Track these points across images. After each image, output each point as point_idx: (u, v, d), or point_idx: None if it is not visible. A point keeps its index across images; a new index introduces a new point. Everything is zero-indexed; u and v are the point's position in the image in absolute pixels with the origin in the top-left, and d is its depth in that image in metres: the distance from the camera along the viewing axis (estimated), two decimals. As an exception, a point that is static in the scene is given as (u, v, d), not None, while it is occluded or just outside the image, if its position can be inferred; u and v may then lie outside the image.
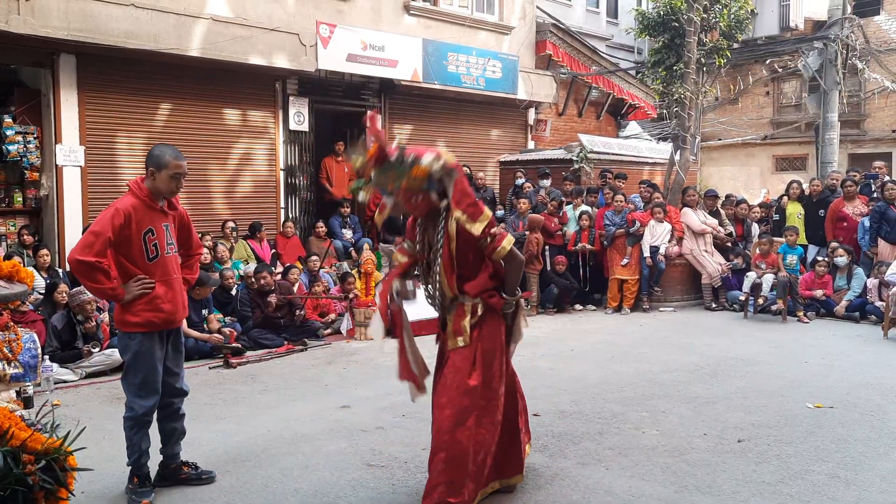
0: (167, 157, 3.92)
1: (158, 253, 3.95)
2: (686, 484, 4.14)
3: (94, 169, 9.18)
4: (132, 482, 4.05)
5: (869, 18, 19.80)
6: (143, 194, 3.92)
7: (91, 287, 3.87)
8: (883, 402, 5.75)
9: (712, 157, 23.73)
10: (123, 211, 3.81)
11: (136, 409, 3.98)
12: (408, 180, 3.59)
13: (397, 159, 3.59)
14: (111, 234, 3.76)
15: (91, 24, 8.50)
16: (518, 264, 3.83)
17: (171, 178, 3.93)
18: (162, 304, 3.95)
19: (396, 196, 3.66)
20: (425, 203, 3.71)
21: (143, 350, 3.93)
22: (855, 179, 10.91)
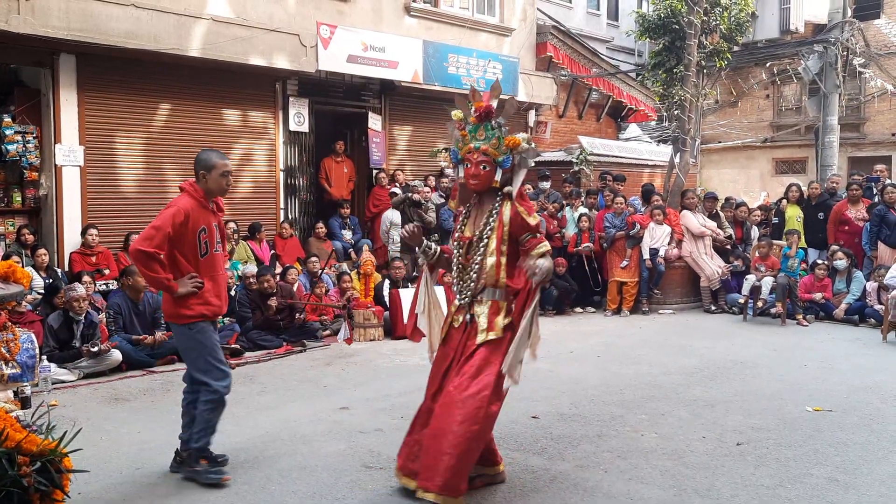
0: (214, 158, 4.26)
1: (208, 250, 4.25)
2: (685, 487, 4.13)
3: (93, 169, 9.16)
4: (198, 463, 4.23)
5: (869, 22, 19.81)
6: (198, 195, 4.24)
7: (148, 276, 4.11)
8: (882, 405, 5.74)
9: (712, 160, 23.73)
10: (184, 210, 4.11)
11: (220, 390, 4.24)
12: (494, 145, 3.84)
13: (497, 122, 3.88)
14: (171, 229, 4.05)
15: (91, 24, 8.49)
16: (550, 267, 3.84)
17: (221, 177, 4.24)
18: (211, 297, 4.24)
19: (471, 156, 3.87)
20: (488, 177, 3.88)
21: (205, 336, 4.22)
22: (860, 183, 10.89)
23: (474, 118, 3.93)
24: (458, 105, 4.02)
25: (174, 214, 4.09)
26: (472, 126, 3.93)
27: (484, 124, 3.90)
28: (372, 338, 8.57)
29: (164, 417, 5.55)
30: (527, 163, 3.93)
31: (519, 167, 3.92)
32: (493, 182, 3.90)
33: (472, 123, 3.94)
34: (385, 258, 10.42)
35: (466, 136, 3.95)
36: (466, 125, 3.96)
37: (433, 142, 12.92)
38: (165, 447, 4.82)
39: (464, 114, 3.98)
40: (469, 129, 3.94)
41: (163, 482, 4.26)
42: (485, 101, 3.92)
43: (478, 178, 3.89)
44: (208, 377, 4.23)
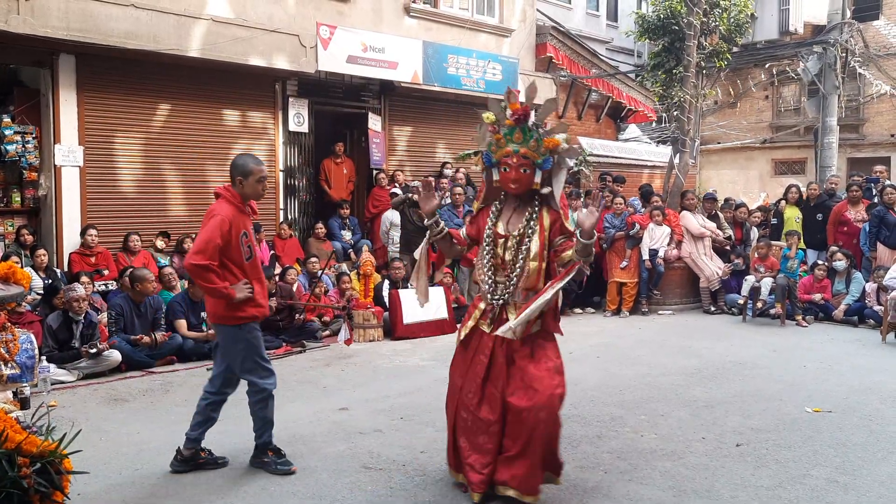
0: (250, 164, 4.34)
1: (252, 253, 4.38)
2: (684, 488, 4.13)
3: (92, 169, 9.15)
4: (266, 455, 4.42)
5: (868, 23, 19.83)
6: (236, 200, 4.33)
7: (206, 287, 4.23)
8: (881, 406, 5.74)
9: (711, 161, 23.75)
10: (227, 218, 4.22)
11: (266, 387, 4.40)
12: (532, 147, 3.79)
13: (534, 124, 3.84)
14: (220, 240, 4.16)
15: (91, 24, 8.48)
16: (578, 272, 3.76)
17: (258, 182, 4.34)
18: (259, 299, 4.38)
19: (508, 160, 3.80)
20: (529, 179, 3.83)
21: (253, 337, 4.36)
22: (860, 184, 10.90)
23: (511, 120, 3.85)
24: (491, 108, 3.95)
25: (220, 224, 4.18)
26: (508, 128, 3.85)
27: (521, 126, 3.83)
28: (371, 338, 8.57)
29: (163, 418, 5.56)
30: (567, 163, 3.91)
31: (559, 168, 3.88)
32: (534, 184, 3.85)
33: (507, 126, 3.86)
34: (385, 259, 10.42)
35: (501, 139, 3.87)
36: (500, 128, 3.89)
37: (433, 142, 12.92)
38: (165, 448, 4.82)
39: (497, 116, 3.91)
40: (504, 132, 3.86)
41: (163, 483, 4.26)
42: (518, 103, 3.86)
43: (519, 181, 3.82)
44: (254, 376, 4.39)
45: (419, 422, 5.37)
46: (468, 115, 13.31)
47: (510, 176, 3.83)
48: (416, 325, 8.79)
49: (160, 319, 7.52)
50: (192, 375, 6.92)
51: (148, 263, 8.80)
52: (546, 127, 3.89)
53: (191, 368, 7.17)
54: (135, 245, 8.84)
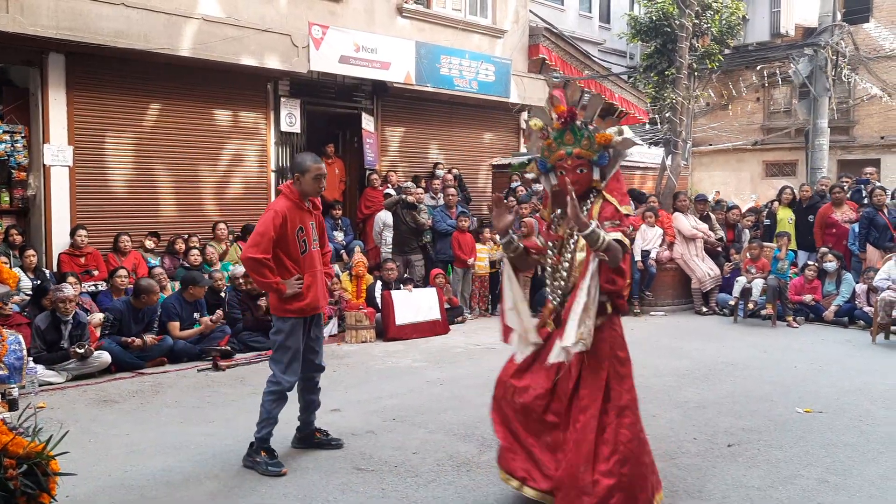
0: (308, 162, 4.50)
1: (307, 248, 4.54)
2: (676, 488, 4.13)
3: (82, 169, 9.10)
4: (259, 454, 4.45)
5: (858, 25, 19.93)
6: (294, 196, 4.50)
7: (259, 281, 4.50)
8: (871, 407, 5.76)
9: (703, 163, 23.82)
10: (281, 212, 4.39)
11: (283, 384, 4.49)
12: (585, 146, 3.73)
13: (583, 122, 3.76)
14: (273, 233, 4.35)
15: (81, 23, 8.43)
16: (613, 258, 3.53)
17: (314, 179, 4.48)
18: (310, 293, 4.52)
19: (563, 163, 3.76)
20: (588, 178, 3.77)
21: (294, 333, 4.50)
22: (843, 186, 10.96)
23: (558, 123, 3.80)
24: (536, 114, 3.91)
25: (273, 218, 4.36)
26: (557, 132, 3.80)
27: (570, 127, 3.78)
28: (364, 339, 8.55)
29: (153, 420, 5.53)
30: (624, 154, 3.84)
31: (615, 162, 3.82)
32: (594, 182, 3.79)
33: (556, 130, 3.80)
34: (377, 259, 10.39)
35: (552, 144, 3.81)
36: (550, 132, 3.83)
37: (426, 143, 12.90)
38: (155, 450, 4.80)
39: (544, 122, 3.85)
40: (554, 136, 3.81)
41: (152, 485, 4.23)
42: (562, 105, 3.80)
43: (578, 182, 3.74)
44: (276, 367, 4.51)
45: (411, 423, 5.36)
46: (461, 115, 13.32)
47: (571, 178, 3.75)
48: (409, 327, 8.77)
49: (154, 322, 7.48)
50: (182, 377, 6.88)
51: (138, 264, 8.76)
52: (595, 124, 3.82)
53: (181, 370, 7.13)
54: (125, 246, 8.79)
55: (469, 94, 12.50)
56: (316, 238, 4.65)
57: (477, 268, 10.34)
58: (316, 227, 4.67)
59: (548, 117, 3.85)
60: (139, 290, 7.33)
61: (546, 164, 3.88)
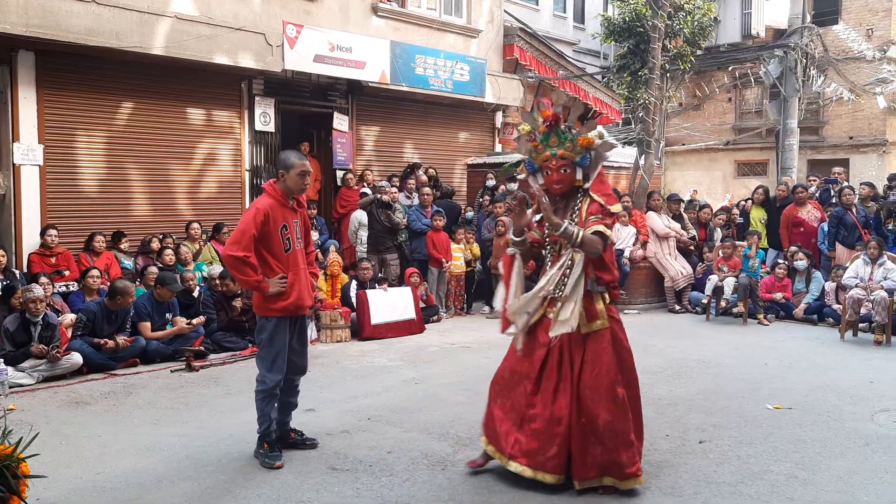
0: (292, 158, 4.52)
1: (291, 246, 4.53)
2: (649, 485, 4.18)
3: (53, 168, 8.98)
4: (262, 448, 4.53)
5: (827, 27, 20.23)
6: (277, 194, 4.50)
7: (240, 279, 4.46)
8: (839, 403, 5.87)
9: (676, 162, 24.07)
10: (263, 210, 4.39)
11: (267, 382, 4.51)
12: (569, 148, 4.09)
13: (567, 126, 4.13)
14: (255, 230, 4.35)
15: (51, 21, 8.32)
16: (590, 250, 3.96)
17: (299, 176, 4.48)
18: (294, 291, 4.51)
19: (549, 164, 4.13)
20: (570, 178, 4.14)
21: (278, 331, 4.53)
22: (805, 185, 11.17)
23: (544, 127, 4.15)
24: (525, 119, 4.28)
25: (254, 216, 4.37)
26: (543, 135, 4.16)
27: (554, 131, 4.13)
28: (339, 339, 8.53)
29: (125, 421, 5.48)
30: (604, 156, 4.19)
31: (596, 163, 4.18)
32: (576, 181, 4.15)
33: (542, 133, 4.16)
34: (352, 259, 10.37)
35: (538, 146, 4.18)
36: (536, 135, 4.19)
37: (401, 142, 12.90)
38: (127, 451, 4.76)
39: (532, 126, 4.22)
40: (540, 139, 4.17)
41: (124, 487, 4.19)
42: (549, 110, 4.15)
43: (562, 181, 4.14)
44: (262, 367, 4.55)
45: (386, 422, 5.36)
46: (436, 115, 13.33)
47: (553, 178, 4.15)
48: (384, 326, 8.77)
49: (127, 323, 7.41)
50: (154, 378, 6.83)
51: (111, 264, 8.66)
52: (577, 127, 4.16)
53: (154, 371, 7.07)
54: (99, 245, 8.68)
55: (444, 93, 12.52)
56: (300, 237, 4.64)
57: (452, 267, 10.35)
58: (300, 226, 4.65)
59: (535, 122, 4.20)
60: (115, 291, 7.24)
61: (534, 164, 4.25)
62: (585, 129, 4.14)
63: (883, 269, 8.59)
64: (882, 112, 20.40)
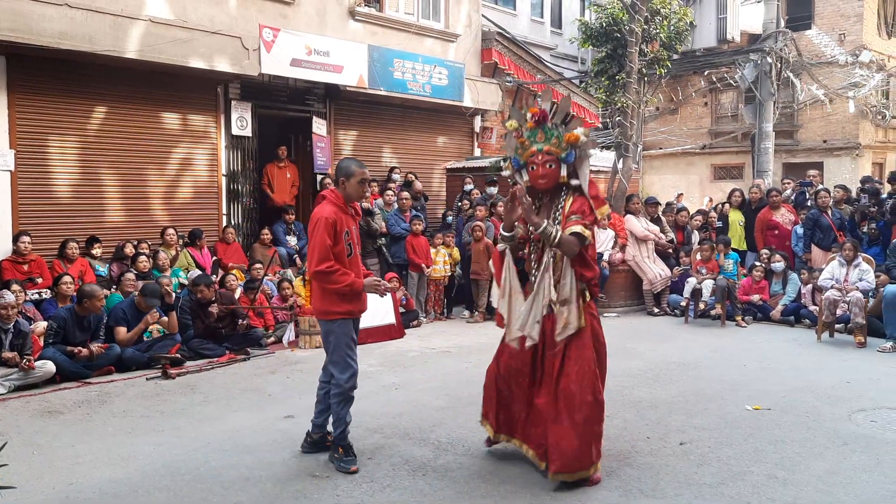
0: (353, 167, 4.59)
1: (352, 251, 4.61)
2: (630, 487, 4.17)
3: (25, 174, 8.82)
4: (337, 452, 4.54)
5: (801, 32, 20.51)
6: (339, 201, 4.58)
7: (334, 288, 4.48)
8: (818, 403, 5.91)
9: (653, 166, 24.24)
10: (331, 218, 4.46)
11: (343, 385, 4.55)
12: (555, 144, 4.17)
13: (554, 123, 4.21)
14: (330, 240, 4.43)
15: (22, 24, 8.18)
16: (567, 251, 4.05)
17: (360, 184, 4.59)
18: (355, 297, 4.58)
19: (535, 160, 4.20)
20: (555, 174, 4.21)
21: (344, 333, 4.58)
22: (779, 189, 11.30)
23: (531, 123, 4.24)
24: (512, 115, 4.37)
25: (325, 226, 4.43)
26: (530, 131, 4.25)
27: (541, 127, 4.22)
28: (318, 345, 8.43)
29: (100, 430, 5.38)
30: (588, 153, 4.26)
31: (582, 160, 4.23)
32: (561, 178, 4.21)
33: (529, 129, 4.26)
34: (331, 264, 10.28)
35: (525, 142, 4.27)
36: (523, 132, 4.28)
37: (379, 147, 12.86)
38: (101, 461, 4.67)
39: (519, 122, 4.30)
40: (527, 135, 4.26)
41: (98, 498, 4.11)
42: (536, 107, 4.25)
43: (546, 176, 4.21)
44: (335, 369, 4.58)
45: (366, 428, 5.32)
46: (414, 119, 13.30)
47: (538, 173, 4.23)
48: (364, 332, 8.50)
49: (100, 330, 7.29)
50: (130, 386, 6.72)
51: (85, 271, 8.53)
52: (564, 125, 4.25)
53: (129, 379, 6.96)
54: (72, 252, 8.54)
55: (422, 97, 12.50)
56: (358, 243, 4.74)
57: (433, 271, 10.32)
58: (357, 233, 4.75)
59: (522, 118, 4.29)
60: (82, 295, 7.12)
61: (519, 161, 4.33)
62: (574, 126, 4.23)
63: (858, 271, 8.68)
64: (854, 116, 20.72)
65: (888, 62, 21.52)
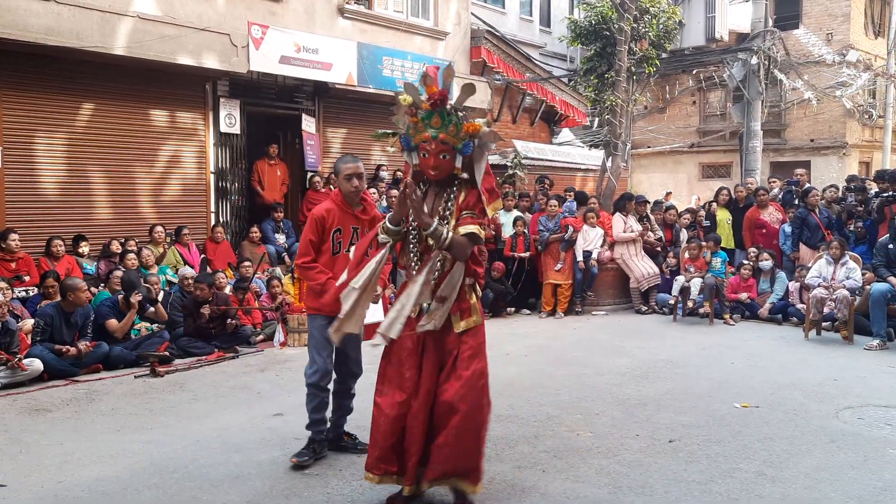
0: (340, 163, 4.59)
1: (340, 250, 4.55)
2: (619, 485, 4.19)
3: (11, 171, 8.77)
4: (341, 439, 4.74)
5: (789, 31, 20.62)
6: (337, 199, 4.60)
7: (310, 285, 4.57)
8: (805, 401, 5.94)
9: (642, 165, 24.33)
10: (319, 214, 4.51)
11: (307, 378, 4.60)
12: (451, 132, 3.64)
13: (453, 108, 3.68)
14: (312, 236, 4.50)
15: (8, 20, 8.12)
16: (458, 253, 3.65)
17: (346, 180, 4.51)
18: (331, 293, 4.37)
19: (427, 146, 3.66)
20: (449, 165, 3.70)
21: (314, 327, 4.59)
22: (767, 188, 11.36)
23: (427, 104, 3.66)
24: (407, 91, 3.73)
25: (310, 222, 4.52)
26: (426, 112, 3.66)
27: (438, 111, 3.64)
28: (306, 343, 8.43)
29: (88, 428, 5.35)
30: (489, 147, 3.74)
31: (480, 152, 3.73)
32: (455, 169, 3.70)
33: (424, 110, 3.66)
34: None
35: (419, 123, 3.68)
36: (418, 111, 3.69)
37: (368, 144, 12.83)
38: (90, 459, 4.65)
39: (414, 99, 3.69)
40: (422, 116, 3.67)
41: (87, 496, 4.09)
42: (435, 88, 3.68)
43: (439, 167, 3.67)
44: (306, 366, 4.62)
45: (356, 426, 5.29)
46: (403, 117, 13.27)
47: (430, 162, 3.67)
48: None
49: (88, 328, 7.24)
50: (118, 383, 6.68)
51: (72, 269, 8.47)
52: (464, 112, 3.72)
53: (118, 376, 6.92)
54: (58, 250, 8.48)
55: (412, 95, 12.47)
56: (355, 243, 4.50)
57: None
58: (360, 233, 4.55)
59: (418, 95, 3.70)
60: (65, 289, 7.08)
61: (410, 142, 3.76)
62: (475, 115, 3.69)
63: (845, 269, 8.74)
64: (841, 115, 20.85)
65: (875, 62, 21.68)
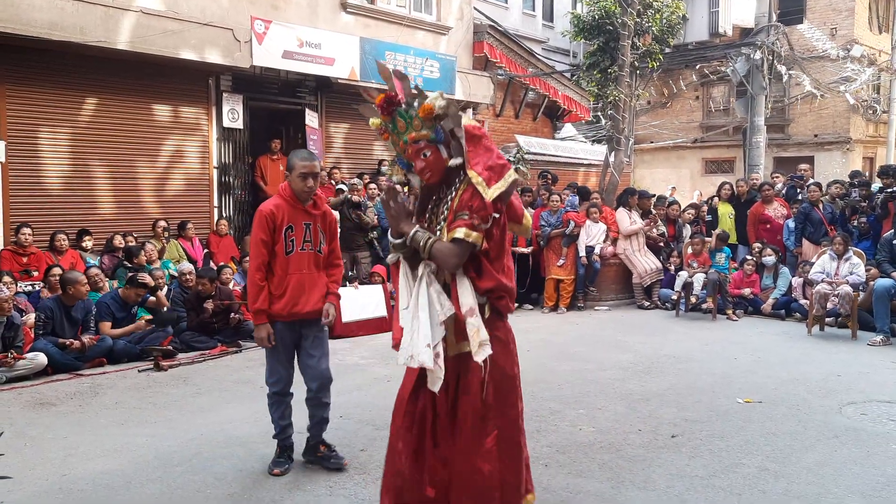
0: (294, 159, 4.31)
1: (294, 248, 4.32)
2: (622, 479, 4.19)
3: (15, 165, 8.78)
4: (319, 450, 4.49)
5: (793, 26, 20.56)
6: (286, 195, 4.33)
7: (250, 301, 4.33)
8: (808, 396, 5.94)
9: (644, 160, 24.29)
10: (266, 212, 4.26)
11: (268, 387, 4.43)
12: (416, 126, 3.17)
13: (407, 103, 3.19)
14: (263, 235, 4.24)
15: (11, 14, 8.12)
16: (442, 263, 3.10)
17: (299, 178, 4.25)
18: (285, 296, 4.28)
19: (409, 153, 3.22)
20: (436, 160, 3.17)
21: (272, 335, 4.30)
22: (771, 183, 11.33)
23: (384, 116, 3.26)
24: (366, 113, 3.38)
25: (259, 220, 4.26)
26: (389, 123, 3.27)
27: (396, 113, 3.22)
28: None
29: (92, 422, 5.37)
30: (458, 120, 3.19)
31: (454, 134, 3.20)
32: (443, 159, 3.19)
33: (386, 122, 3.28)
34: (323, 257, 10.26)
35: (394, 138, 3.30)
36: (385, 127, 3.31)
37: (370, 140, 12.83)
38: (94, 453, 4.66)
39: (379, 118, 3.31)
40: (390, 129, 3.29)
41: (91, 489, 4.10)
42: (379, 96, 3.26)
43: (427, 167, 3.18)
44: (266, 374, 4.45)
45: (358, 420, 5.32)
46: (406, 112, 13.26)
47: (418, 167, 3.22)
48: (355, 324, 8.71)
49: (90, 322, 7.26)
50: (122, 377, 6.70)
51: (76, 263, 8.49)
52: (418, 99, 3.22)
53: (121, 371, 6.94)
54: (61, 244, 8.50)
55: (414, 90, 12.46)
56: (309, 239, 4.35)
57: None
58: (313, 229, 4.36)
59: (375, 112, 3.32)
60: (65, 282, 7.09)
61: (405, 161, 3.36)
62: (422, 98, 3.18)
63: (849, 265, 8.73)
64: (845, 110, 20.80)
65: (879, 57, 21.62)
